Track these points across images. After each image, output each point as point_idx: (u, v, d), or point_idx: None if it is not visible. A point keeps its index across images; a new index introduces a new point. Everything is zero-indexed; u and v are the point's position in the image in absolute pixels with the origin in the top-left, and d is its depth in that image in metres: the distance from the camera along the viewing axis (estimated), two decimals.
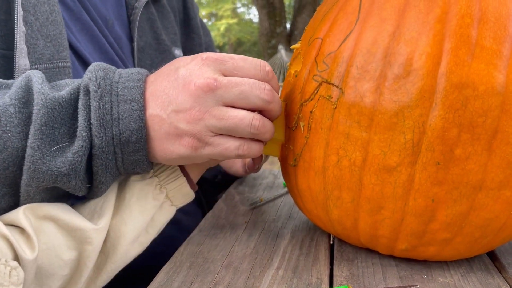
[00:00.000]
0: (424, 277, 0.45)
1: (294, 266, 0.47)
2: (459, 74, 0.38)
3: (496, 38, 0.38)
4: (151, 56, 0.70)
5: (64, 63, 0.52)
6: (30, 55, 0.49)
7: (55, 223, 0.40)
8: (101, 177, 0.43)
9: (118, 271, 0.46)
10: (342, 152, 0.42)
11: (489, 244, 0.44)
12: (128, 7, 0.69)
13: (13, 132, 0.39)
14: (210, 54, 0.42)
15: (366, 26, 0.42)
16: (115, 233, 0.45)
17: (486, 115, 0.37)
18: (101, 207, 0.45)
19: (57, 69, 0.51)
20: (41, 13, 0.51)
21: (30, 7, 0.50)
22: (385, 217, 0.43)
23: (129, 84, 0.42)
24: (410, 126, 0.39)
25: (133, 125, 0.41)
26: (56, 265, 0.40)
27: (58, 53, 0.52)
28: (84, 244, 0.42)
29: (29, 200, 0.41)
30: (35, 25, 0.50)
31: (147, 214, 0.47)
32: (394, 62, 0.39)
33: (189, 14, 0.82)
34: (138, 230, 0.46)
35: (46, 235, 0.40)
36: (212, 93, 0.40)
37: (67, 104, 0.41)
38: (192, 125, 0.41)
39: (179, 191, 0.50)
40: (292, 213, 0.64)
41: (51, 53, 0.51)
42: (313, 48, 0.46)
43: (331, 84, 0.43)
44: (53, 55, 0.51)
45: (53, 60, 0.51)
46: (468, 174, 0.39)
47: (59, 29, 0.52)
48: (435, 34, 0.39)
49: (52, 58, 0.51)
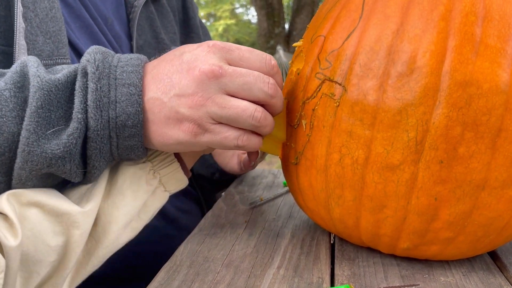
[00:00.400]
0: (425, 276, 0.45)
1: (295, 265, 0.47)
2: (463, 72, 0.37)
3: (501, 36, 0.38)
4: (150, 55, 0.70)
5: (64, 60, 0.52)
6: (29, 51, 0.49)
7: (40, 209, 0.40)
8: (94, 162, 0.42)
9: (109, 256, 0.46)
10: (344, 150, 0.42)
11: (492, 243, 0.44)
12: (128, 6, 0.69)
13: (8, 117, 0.38)
14: (217, 42, 0.42)
15: (369, 23, 0.41)
16: (106, 218, 0.44)
17: (490, 114, 0.37)
18: (90, 191, 0.44)
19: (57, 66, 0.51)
20: (41, 10, 0.51)
21: (30, 3, 0.50)
22: (388, 216, 0.42)
23: (127, 68, 0.41)
24: (413, 124, 0.38)
25: (130, 109, 0.41)
26: (43, 251, 0.39)
27: (57, 49, 0.51)
28: (72, 229, 0.41)
29: (20, 185, 0.41)
30: (35, 21, 0.50)
31: (139, 199, 0.46)
32: (398, 59, 0.39)
33: (188, 13, 0.82)
34: (130, 215, 0.46)
35: (30, 222, 0.39)
36: (216, 80, 0.40)
37: (64, 87, 0.40)
38: (193, 111, 0.40)
39: (173, 177, 0.49)
40: (292, 212, 0.63)
41: (51, 49, 0.51)
42: (316, 45, 0.45)
43: (334, 82, 0.42)
44: (52, 52, 0.51)
45: (52, 56, 0.51)
46: (471, 172, 0.38)
47: (59, 25, 0.52)
48: (439, 32, 0.38)
49: (51, 54, 0.51)
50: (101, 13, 0.64)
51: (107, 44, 0.63)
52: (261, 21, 6.06)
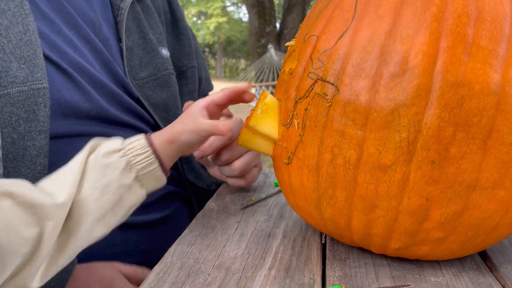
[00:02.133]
0: (416, 277, 0.45)
1: (287, 266, 0.47)
2: (455, 73, 0.37)
3: (492, 37, 0.38)
4: (139, 55, 0.69)
5: (39, 85, 0.50)
6: (2, 79, 0.48)
7: (13, 200, 0.39)
8: None
9: (80, 250, 0.45)
10: (336, 150, 0.42)
11: (482, 244, 0.44)
12: (114, 8, 0.68)
13: None
14: None
15: (362, 23, 0.41)
16: (79, 210, 0.44)
17: (481, 115, 0.37)
18: (65, 182, 0.44)
19: (31, 91, 0.50)
20: (14, 35, 0.50)
21: (2, 29, 0.49)
22: (379, 216, 0.42)
23: None
24: (405, 124, 0.38)
25: None
26: (16, 242, 0.39)
27: (32, 74, 0.50)
28: (45, 220, 0.41)
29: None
30: (8, 47, 0.49)
31: (115, 194, 0.46)
32: (390, 60, 0.39)
33: (176, 15, 0.82)
34: (105, 209, 0.45)
35: (3, 212, 0.39)
36: None
37: None
38: None
39: (151, 175, 0.49)
40: (283, 212, 0.63)
41: (25, 75, 0.49)
42: (308, 45, 0.45)
43: (326, 82, 0.42)
44: (27, 77, 0.49)
45: (27, 82, 0.49)
46: (463, 173, 0.38)
47: (34, 49, 0.51)
48: (432, 33, 0.38)
49: (26, 80, 0.49)
50: (88, 18, 0.63)
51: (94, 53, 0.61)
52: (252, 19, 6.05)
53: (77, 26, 0.60)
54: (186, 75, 0.81)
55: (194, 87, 0.82)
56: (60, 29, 0.58)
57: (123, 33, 0.66)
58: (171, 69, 0.75)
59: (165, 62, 0.73)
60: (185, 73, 0.81)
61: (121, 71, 0.66)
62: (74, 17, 0.60)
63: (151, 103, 0.68)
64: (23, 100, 0.49)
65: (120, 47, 0.67)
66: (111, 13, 0.68)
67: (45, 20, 0.57)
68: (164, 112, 0.71)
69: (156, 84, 0.71)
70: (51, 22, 0.58)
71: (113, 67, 0.64)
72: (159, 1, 0.79)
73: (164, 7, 0.80)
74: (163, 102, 0.70)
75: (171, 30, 0.81)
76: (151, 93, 0.69)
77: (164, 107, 0.71)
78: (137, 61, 0.69)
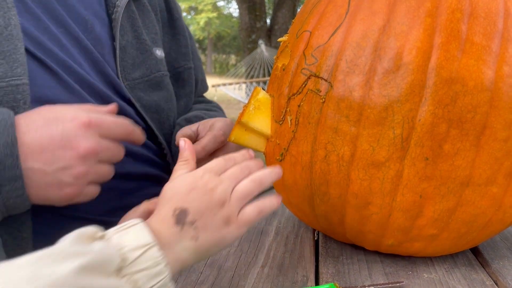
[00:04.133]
0: (409, 273, 0.45)
1: (279, 263, 0.47)
2: (449, 69, 0.37)
3: (486, 34, 0.38)
4: (133, 55, 0.68)
5: (18, 81, 0.49)
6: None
7: None
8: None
9: None
10: (330, 146, 0.41)
11: (474, 240, 0.44)
12: (109, 6, 0.66)
13: None
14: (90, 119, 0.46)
15: (355, 19, 0.41)
16: None
17: (475, 111, 0.37)
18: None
19: (10, 88, 0.48)
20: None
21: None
22: (373, 213, 0.42)
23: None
24: (399, 121, 0.38)
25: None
26: None
27: (11, 70, 0.49)
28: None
29: None
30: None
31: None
32: (384, 56, 0.39)
33: (173, 14, 0.80)
34: None
35: None
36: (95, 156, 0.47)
37: None
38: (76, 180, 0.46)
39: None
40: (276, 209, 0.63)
41: (4, 70, 0.48)
42: (302, 41, 0.45)
43: (319, 78, 0.42)
44: (5, 73, 0.48)
45: (5, 78, 0.48)
46: (456, 170, 0.38)
47: (14, 43, 0.49)
48: (426, 28, 0.38)
49: (4, 76, 0.48)
50: (79, 16, 0.62)
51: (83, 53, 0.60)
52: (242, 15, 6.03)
53: (66, 24, 0.59)
54: (183, 76, 0.80)
55: (191, 89, 0.81)
56: (46, 26, 0.57)
57: (117, 32, 0.65)
58: (164, 70, 0.74)
59: (158, 63, 0.72)
60: (182, 75, 0.80)
61: (112, 72, 0.64)
62: (62, 15, 0.58)
63: (142, 105, 0.67)
64: (1, 97, 0.48)
65: (113, 46, 0.65)
66: (105, 11, 0.66)
67: (31, 16, 0.56)
68: (156, 114, 0.70)
69: (148, 85, 0.69)
70: (37, 19, 0.56)
71: (104, 67, 0.63)
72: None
73: (160, 5, 0.78)
74: (155, 103, 0.69)
75: (168, 29, 0.80)
76: (142, 95, 0.67)
77: (156, 109, 0.70)
78: (130, 61, 0.67)
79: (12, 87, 0.49)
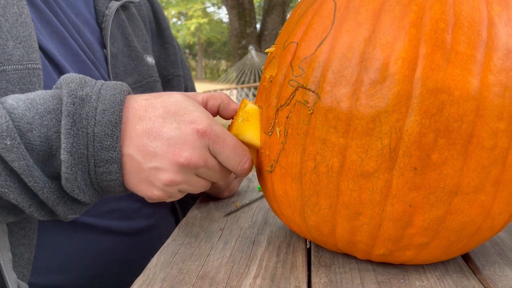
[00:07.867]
0: (401, 281, 0.45)
1: (272, 274, 0.47)
2: (434, 79, 0.38)
3: (470, 43, 0.38)
4: (124, 62, 0.69)
5: (34, 65, 0.51)
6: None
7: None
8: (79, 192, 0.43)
9: None
10: (319, 158, 0.41)
11: (464, 247, 0.45)
12: (99, 14, 0.68)
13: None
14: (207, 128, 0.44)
15: (341, 30, 0.41)
16: None
17: (461, 120, 0.38)
18: None
19: (27, 71, 0.50)
20: (11, 15, 0.50)
21: (0, 8, 0.49)
22: (363, 223, 0.42)
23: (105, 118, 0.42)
24: (387, 131, 0.38)
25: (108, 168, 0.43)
26: None
27: (28, 54, 0.51)
28: None
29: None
30: (5, 26, 0.50)
31: None
32: (370, 67, 0.39)
33: (161, 24, 0.82)
34: None
35: None
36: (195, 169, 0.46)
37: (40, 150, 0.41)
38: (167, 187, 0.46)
39: None
40: (268, 218, 0.63)
41: (21, 54, 0.50)
42: (288, 52, 0.45)
43: (307, 89, 0.42)
44: (22, 57, 0.50)
45: (22, 61, 0.50)
46: (444, 178, 0.39)
47: (29, 31, 0.52)
48: (411, 39, 0.38)
49: (21, 59, 0.50)
50: (73, 20, 0.63)
51: (80, 52, 0.61)
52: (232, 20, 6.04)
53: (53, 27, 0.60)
54: (172, 83, 0.81)
55: None
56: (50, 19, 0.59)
57: (108, 40, 0.66)
58: (156, 76, 0.75)
59: (150, 69, 0.73)
60: (171, 82, 0.81)
61: (101, 78, 0.65)
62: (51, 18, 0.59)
63: None
64: (19, 79, 0.49)
65: (105, 53, 0.66)
66: (95, 20, 0.67)
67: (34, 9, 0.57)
68: None
69: (141, 91, 0.70)
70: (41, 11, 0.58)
71: (92, 73, 0.63)
72: (144, 10, 0.79)
73: (149, 16, 0.80)
74: None
75: (157, 39, 0.81)
76: None
77: None
78: (122, 68, 0.68)
79: (29, 70, 0.50)
